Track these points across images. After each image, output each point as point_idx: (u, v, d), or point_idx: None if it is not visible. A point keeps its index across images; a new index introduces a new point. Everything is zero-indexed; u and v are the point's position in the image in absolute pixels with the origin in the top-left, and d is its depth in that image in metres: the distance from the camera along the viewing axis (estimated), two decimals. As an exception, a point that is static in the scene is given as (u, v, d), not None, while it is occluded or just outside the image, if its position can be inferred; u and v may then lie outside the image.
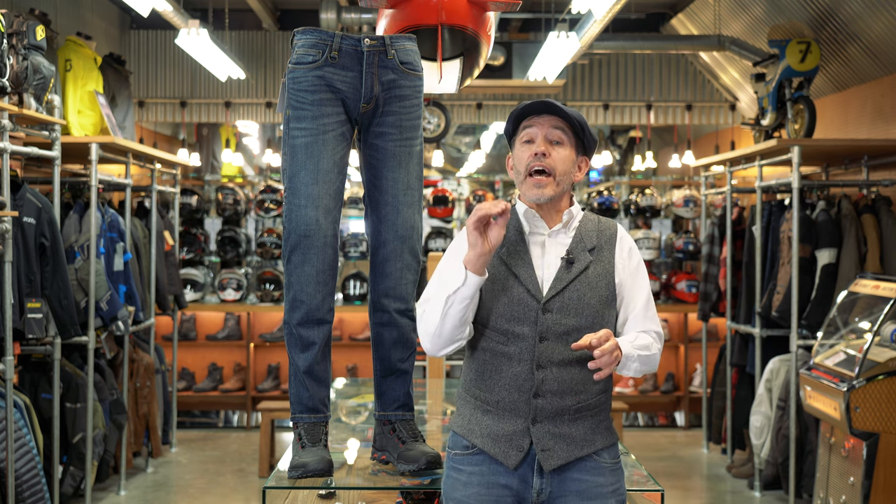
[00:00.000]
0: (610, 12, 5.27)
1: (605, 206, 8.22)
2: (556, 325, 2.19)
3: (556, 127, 2.26)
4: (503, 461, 2.21)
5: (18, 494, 4.38)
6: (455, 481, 2.27)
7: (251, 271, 8.16)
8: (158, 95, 8.47)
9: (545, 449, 2.20)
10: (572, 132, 2.28)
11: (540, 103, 2.27)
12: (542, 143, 2.24)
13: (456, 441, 2.29)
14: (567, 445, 2.21)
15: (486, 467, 2.23)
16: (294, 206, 2.58)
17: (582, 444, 2.22)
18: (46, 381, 4.92)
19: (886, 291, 4.49)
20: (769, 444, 5.62)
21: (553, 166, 2.23)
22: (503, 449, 2.21)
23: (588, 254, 2.25)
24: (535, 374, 2.19)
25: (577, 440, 2.21)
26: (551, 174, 2.23)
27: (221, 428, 8.04)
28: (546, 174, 2.23)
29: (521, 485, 2.22)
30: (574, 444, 2.21)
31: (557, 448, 2.20)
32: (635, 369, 2.20)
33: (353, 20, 6.88)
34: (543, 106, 2.26)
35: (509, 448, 2.21)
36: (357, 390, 4.10)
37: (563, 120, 2.27)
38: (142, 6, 5.53)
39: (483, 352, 2.25)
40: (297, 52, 2.61)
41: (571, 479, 2.22)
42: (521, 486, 2.22)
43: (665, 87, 8.63)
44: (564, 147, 2.26)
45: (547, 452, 2.20)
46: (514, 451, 2.21)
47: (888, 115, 5.80)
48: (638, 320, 2.28)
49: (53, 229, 4.70)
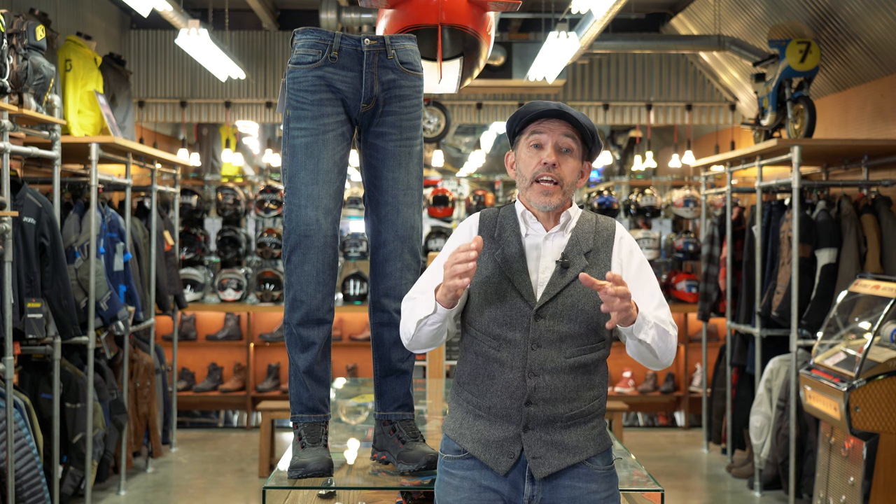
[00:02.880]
0: (610, 12, 5.27)
1: (605, 206, 8.22)
2: (548, 331, 2.14)
3: (567, 135, 2.20)
4: (494, 467, 2.18)
5: (18, 494, 4.38)
6: (447, 485, 2.24)
7: (251, 271, 8.16)
8: (158, 95, 8.47)
9: (536, 456, 2.16)
10: (581, 140, 2.22)
11: (553, 110, 2.19)
12: (552, 152, 2.18)
13: (448, 444, 2.26)
14: (559, 453, 2.16)
15: (477, 472, 2.20)
16: (294, 206, 2.58)
17: (574, 451, 2.17)
18: (46, 381, 4.92)
19: (886, 291, 4.49)
20: (769, 444, 5.62)
21: (562, 177, 2.18)
22: (494, 455, 2.18)
23: (584, 257, 2.19)
24: (527, 381, 2.14)
25: (569, 448, 2.17)
26: (559, 184, 2.18)
27: (221, 428, 8.04)
28: (554, 183, 2.18)
29: (512, 491, 2.18)
30: (566, 452, 2.17)
31: (549, 456, 2.16)
32: (652, 336, 2.10)
33: (353, 20, 6.88)
34: (557, 112, 2.18)
35: (500, 454, 2.17)
36: (357, 390, 4.10)
37: (573, 127, 2.20)
38: (142, 6, 5.53)
39: (476, 356, 2.21)
40: (297, 52, 2.61)
41: (563, 485, 2.18)
42: (513, 492, 2.18)
43: (665, 87, 8.63)
44: (573, 156, 2.21)
45: (538, 460, 2.16)
46: (505, 458, 2.17)
47: (888, 115, 5.80)
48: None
49: (53, 229, 4.70)
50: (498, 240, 2.23)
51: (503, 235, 2.23)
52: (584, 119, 2.19)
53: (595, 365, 2.20)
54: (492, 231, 2.25)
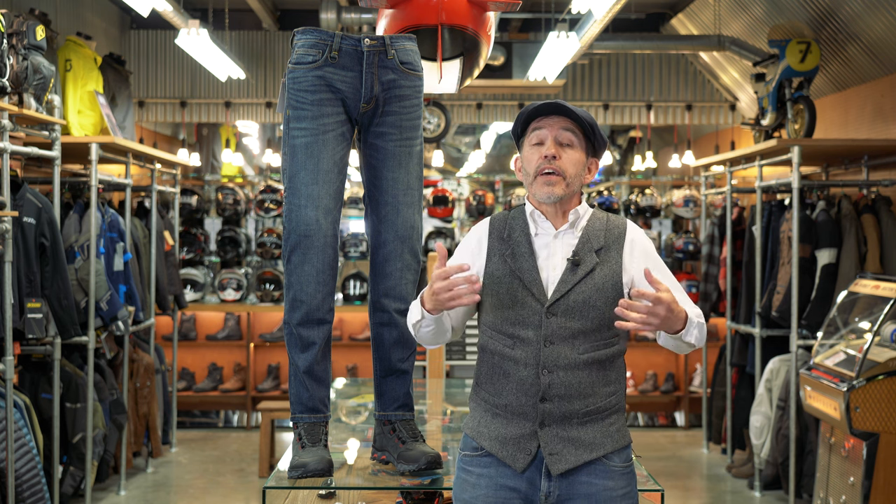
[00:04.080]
0: (610, 12, 5.27)
1: (605, 206, 8.22)
2: (560, 328, 2.16)
3: (566, 129, 2.23)
4: (511, 464, 2.19)
5: (18, 494, 4.38)
6: (464, 482, 2.26)
7: (251, 271, 8.16)
8: (158, 95, 8.47)
9: (553, 453, 2.17)
10: (582, 133, 2.25)
11: (549, 104, 2.23)
12: (551, 145, 2.21)
13: (466, 442, 2.29)
14: (575, 449, 2.17)
15: (495, 469, 2.21)
16: (294, 206, 2.58)
17: (591, 447, 2.18)
18: (46, 381, 4.92)
19: (886, 291, 4.49)
20: (769, 444, 5.62)
21: (563, 168, 2.20)
22: (511, 452, 2.19)
23: (595, 255, 2.21)
24: (541, 378, 2.16)
25: (585, 444, 2.17)
26: (561, 174, 2.20)
27: (221, 428, 8.04)
28: (556, 174, 2.20)
29: (529, 488, 2.19)
30: (583, 448, 2.17)
31: (565, 452, 2.17)
32: (695, 336, 2.12)
33: (353, 20, 6.88)
34: (553, 107, 2.22)
35: (517, 451, 2.19)
36: (357, 390, 4.10)
37: (572, 121, 2.23)
38: (142, 6, 5.53)
39: (491, 354, 2.24)
40: (297, 52, 2.61)
41: (580, 482, 2.18)
42: (529, 488, 2.19)
43: (665, 87, 8.63)
44: (574, 149, 2.23)
45: (555, 456, 2.17)
46: (522, 455, 2.18)
47: (888, 115, 5.80)
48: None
49: (53, 229, 4.70)
50: (508, 240, 2.25)
51: (513, 236, 2.25)
52: (582, 112, 2.23)
53: (610, 360, 2.21)
54: (501, 232, 2.27)
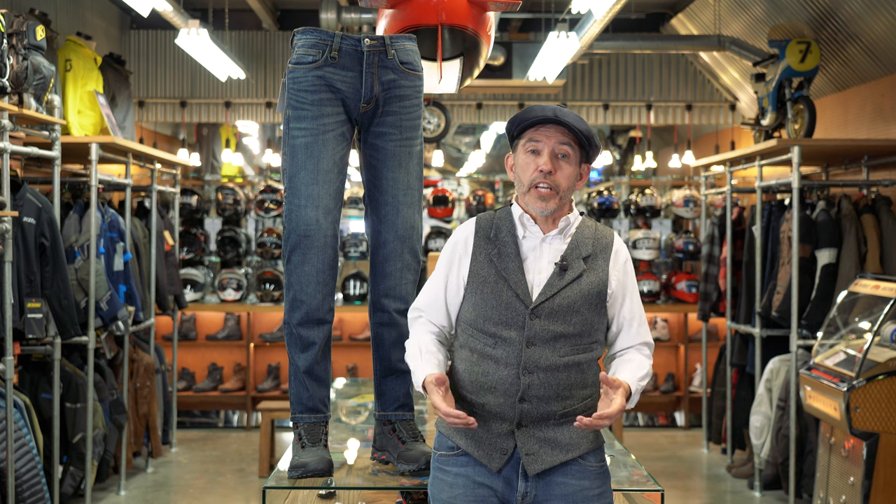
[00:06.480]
0: (610, 12, 5.27)
1: (605, 206, 8.21)
2: (543, 331, 2.18)
3: (564, 142, 2.23)
4: (486, 464, 2.20)
5: (18, 494, 4.38)
6: (441, 482, 2.26)
7: (251, 271, 8.16)
8: (158, 95, 8.47)
9: (529, 453, 2.18)
10: (578, 145, 2.25)
11: (550, 117, 2.21)
12: (548, 160, 2.21)
13: (441, 441, 2.29)
14: (552, 450, 2.19)
15: (471, 469, 2.22)
16: (294, 206, 2.58)
17: (567, 448, 2.20)
18: (46, 381, 4.92)
19: (886, 291, 4.49)
20: (769, 444, 5.62)
21: (558, 183, 2.22)
22: (487, 452, 2.20)
23: (582, 262, 2.23)
24: (521, 378, 2.18)
25: (562, 445, 2.20)
26: (555, 189, 2.22)
27: (221, 428, 8.04)
28: (550, 189, 2.22)
29: (505, 487, 2.21)
30: (559, 449, 2.19)
31: (542, 452, 2.19)
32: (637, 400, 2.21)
33: (353, 20, 6.88)
34: (553, 118, 2.21)
35: (493, 451, 2.20)
36: (357, 390, 4.11)
37: (570, 133, 2.23)
38: (142, 6, 5.53)
39: (470, 352, 2.24)
40: (297, 52, 2.61)
41: (556, 482, 2.20)
42: (506, 488, 2.21)
43: (665, 87, 8.63)
44: (570, 162, 2.24)
45: (531, 457, 2.18)
46: (498, 454, 2.19)
47: (888, 115, 5.80)
48: (631, 334, 2.28)
49: (53, 229, 4.69)
50: (494, 240, 2.26)
51: (499, 237, 2.26)
52: (580, 124, 2.22)
53: (588, 364, 2.24)
54: (488, 232, 2.28)
